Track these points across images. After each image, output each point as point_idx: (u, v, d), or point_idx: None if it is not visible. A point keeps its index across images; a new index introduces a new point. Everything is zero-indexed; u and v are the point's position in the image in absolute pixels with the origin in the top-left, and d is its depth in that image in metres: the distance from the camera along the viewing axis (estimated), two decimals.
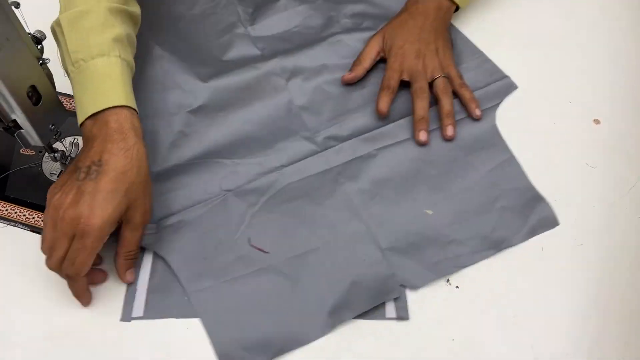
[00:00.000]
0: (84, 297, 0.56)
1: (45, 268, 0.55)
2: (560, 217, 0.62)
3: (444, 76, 0.67)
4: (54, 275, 0.58)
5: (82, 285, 0.55)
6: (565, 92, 0.71)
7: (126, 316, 0.56)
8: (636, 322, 0.57)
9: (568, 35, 0.76)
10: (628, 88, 0.72)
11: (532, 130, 0.68)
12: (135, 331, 0.56)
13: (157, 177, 0.63)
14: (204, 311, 0.56)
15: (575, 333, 0.56)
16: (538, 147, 0.67)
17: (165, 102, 0.68)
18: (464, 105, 0.68)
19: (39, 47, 0.56)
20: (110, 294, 0.58)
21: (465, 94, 0.67)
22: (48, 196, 0.54)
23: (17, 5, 0.52)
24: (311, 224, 0.61)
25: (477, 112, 0.66)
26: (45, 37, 0.57)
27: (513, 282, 0.59)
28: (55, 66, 0.58)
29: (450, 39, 0.72)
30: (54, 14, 0.59)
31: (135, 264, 0.58)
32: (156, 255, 0.59)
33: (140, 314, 0.56)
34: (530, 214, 0.62)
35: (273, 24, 0.76)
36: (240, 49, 0.73)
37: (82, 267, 0.52)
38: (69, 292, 0.57)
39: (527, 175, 0.64)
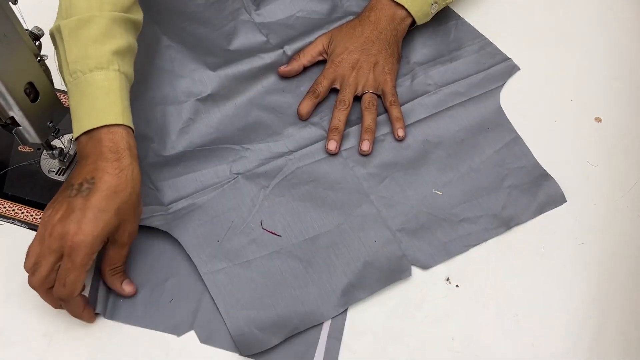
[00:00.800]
0: (85, 316, 0.54)
1: None
2: (561, 215, 0.62)
3: (372, 92, 0.67)
4: None
5: (79, 304, 0.53)
6: (567, 90, 0.71)
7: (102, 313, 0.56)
8: (636, 321, 0.57)
9: (570, 33, 0.76)
10: (630, 86, 0.71)
11: (533, 127, 0.68)
12: (135, 329, 0.56)
13: (166, 162, 0.64)
14: (218, 293, 0.57)
15: (575, 331, 0.56)
16: (539, 145, 0.66)
17: (175, 90, 0.69)
18: (390, 122, 0.67)
19: (36, 43, 0.55)
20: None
21: (393, 111, 0.66)
22: (42, 214, 0.53)
23: (15, 1, 0.52)
24: (322, 207, 0.62)
25: (400, 133, 0.65)
26: (43, 34, 0.56)
27: (513, 280, 0.58)
28: (53, 63, 0.58)
29: (398, 52, 0.70)
30: (52, 11, 0.59)
31: (125, 275, 0.57)
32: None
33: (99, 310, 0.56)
34: (538, 192, 0.62)
35: (277, 9, 0.76)
36: (246, 36, 0.74)
37: (74, 287, 0.50)
38: None
39: (533, 154, 0.65)
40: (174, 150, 0.65)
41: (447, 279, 0.58)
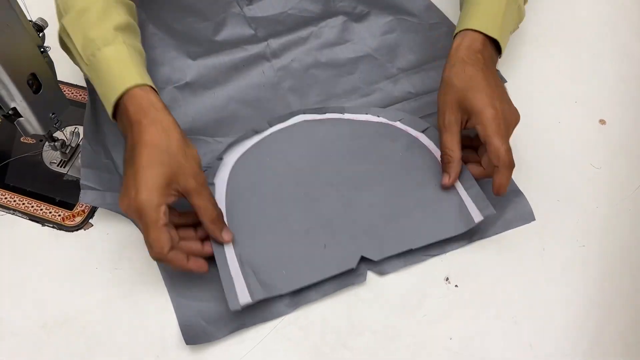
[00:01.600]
0: (192, 268, 0.53)
1: (41, 255, 0.55)
2: (562, 217, 0.62)
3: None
4: (51, 264, 0.58)
5: (179, 260, 0.52)
6: (571, 92, 0.70)
7: (234, 304, 0.54)
8: (636, 325, 0.56)
9: (575, 34, 0.75)
10: (635, 89, 0.71)
11: (537, 129, 0.67)
12: (131, 320, 0.56)
13: None
14: (171, 282, 0.57)
15: (574, 334, 0.56)
16: (542, 146, 0.66)
17: (153, 76, 0.68)
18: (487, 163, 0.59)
19: (40, 34, 0.56)
20: (107, 282, 0.58)
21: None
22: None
23: None
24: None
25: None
26: (47, 25, 0.56)
27: (513, 281, 0.58)
28: (56, 54, 0.58)
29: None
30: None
31: (224, 224, 0.56)
32: (235, 240, 0.58)
33: (248, 299, 0.54)
34: (506, 207, 0.61)
35: (269, 5, 0.76)
36: (233, 28, 0.74)
37: (158, 244, 0.50)
38: (65, 281, 0.57)
39: None
40: None
41: (447, 279, 0.58)
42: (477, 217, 0.58)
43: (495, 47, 0.62)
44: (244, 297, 0.54)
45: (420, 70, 0.71)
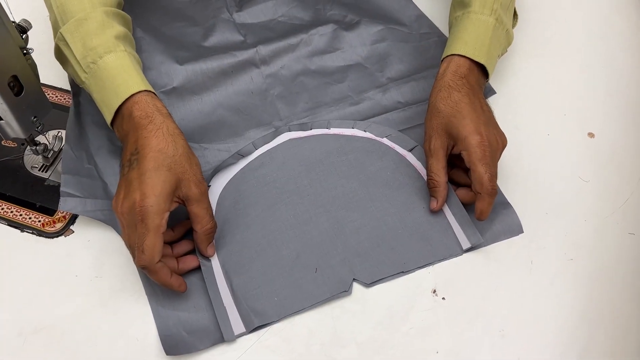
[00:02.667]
0: (173, 284, 0.53)
1: (20, 262, 0.54)
2: (550, 230, 0.61)
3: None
4: (29, 271, 0.57)
5: (164, 272, 0.52)
6: (560, 104, 0.70)
7: (229, 336, 0.54)
8: (624, 338, 0.56)
9: (564, 47, 0.76)
10: (623, 103, 0.71)
11: (526, 141, 0.67)
12: (111, 329, 0.54)
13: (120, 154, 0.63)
14: (152, 291, 0.56)
15: (562, 348, 0.55)
16: (531, 159, 0.66)
17: None
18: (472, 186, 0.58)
19: (23, 36, 0.54)
20: (87, 290, 0.56)
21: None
22: (113, 209, 0.53)
23: None
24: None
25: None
26: (30, 27, 0.55)
27: (501, 294, 0.57)
28: (39, 56, 0.57)
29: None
30: (40, 3, 0.58)
31: (213, 237, 0.57)
32: (225, 269, 0.57)
33: (242, 329, 0.54)
34: (495, 219, 0.61)
35: (259, 11, 0.76)
36: (223, 34, 0.73)
37: (153, 251, 0.50)
38: (43, 288, 0.56)
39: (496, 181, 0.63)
40: None
41: (434, 291, 0.58)
42: (465, 243, 0.59)
43: (482, 71, 0.62)
44: (238, 327, 0.54)
45: (410, 80, 0.71)
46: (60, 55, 0.60)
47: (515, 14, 0.68)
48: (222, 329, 0.53)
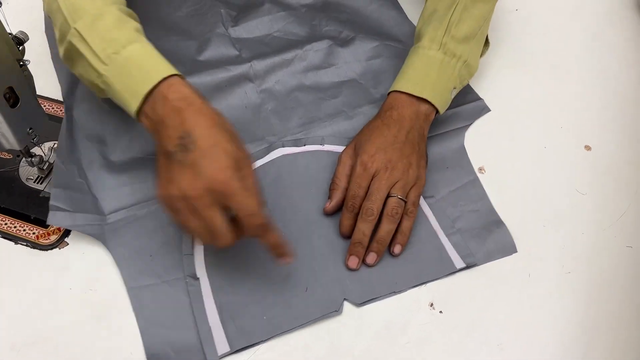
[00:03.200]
0: (286, 245, 0.52)
1: (13, 274, 0.53)
2: (548, 243, 0.61)
3: (399, 197, 0.59)
4: (23, 284, 0.56)
5: (276, 235, 0.51)
6: (557, 117, 0.70)
7: (212, 356, 0.53)
8: (622, 352, 0.55)
9: (559, 60, 0.76)
10: (620, 115, 0.71)
11: (522, 153, 0.67)
12: (104, 343, 0.54)
13: (113, 169, 0.62)
14: (141, 309, 0.55)
15: None
16: (528, 171, 0.66)
17: None
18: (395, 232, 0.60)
19: (20, 48, 0.54)
20: (81, 304, 0.56)
21: (404, 222, 0.59)
22: (161, 196, 0.51)
23: None
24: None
25: (397, 250, 0.59)
26: (27, 39, 0.55)
27: (499, 307, 0.57)
28: (36, 68, 0.57)
29: (425, 154, 0.63)
30: (37, 16, 0.58)
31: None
32: (214, 287, 0.57)
33: (227, 349, 0.53)
34: (487, 238, 0.61)
35: (255, 26, 0.75)
36: (217, 48, 0.73)
37: (260, 207, 0.49)
38: (37, 301, 0.55)
39: (489, 199, 0.63)
40: (124, 155, 0.63)
41: (431, 305, 0.57)
42: (459, 263, 0.59)
43: (432, 105, 0.63)
44: (222, 346, 0.53)
45: None
46: (71, 54, 0.57)
47: (487, 42, 0.70)
48: (205, 350, 0.53)
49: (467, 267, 0.59)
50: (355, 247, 0.58)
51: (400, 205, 0.58)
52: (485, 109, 0.70)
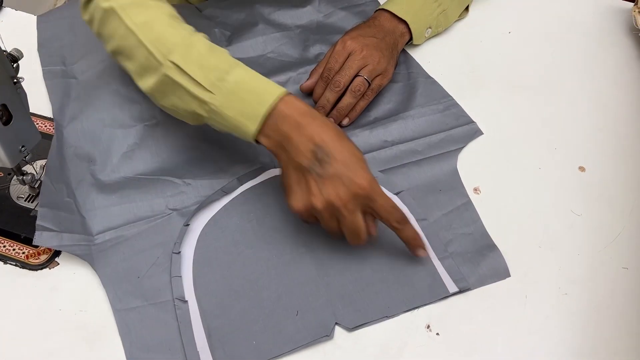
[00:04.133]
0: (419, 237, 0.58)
1: (2, 295, 0.52)
2: (544, 265, 0.61)
3: (365, 78, 0.67)
4: (11, 305, 0.55)
5: (413, 228, 0.57)
6: (551, 138, 0.71)
7: None
8: None
9: (554, 81, 0.76)
10: (614, 137, 0.71)
11: (517, 175, 0.67)
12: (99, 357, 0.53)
13: (103, 188, 0.62)
14: (127, 332, 0.54)
15: None
16: (523, 192, 0.66)
17: (124, 113, 0.67)
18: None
19: (14, 65, 0.54)
20: (73, 326, 0.55)
21: (360, 102, 0.68)
22: (299, 208, 0.55)
23: None
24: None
25: (345, 122, 0.69)
26: (22, 56, 0.55)
27: (495, 329, 0.57)
28: (29, 86, 0.56)
29: (396, 61, 0.73)
30: (32, 33, 0.57)
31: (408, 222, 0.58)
32: (203, 311, 0.56)
33: None
34: (480, 262, 0.60)
35: (249, 47, 0.76)
36: None
37: (397, 208, 0.55)
38: (26, 322, 0.54)
39: (482, 222, 0.63)
40: (114, 175, 0.63)
41: (428, 327, 0.56)
42: (452, 287, 0.58)
43: (408, 29, 0.73)
44: None
45: (397, 119, 0.70)
46: (164, 87, 0.57)
47: (467, 9, 0.80)
48: None
49: (460, 291, 0.58)
50: (318, 111, 0.64)
51: (364, 85, 0.67)
52: (478, 132, 0.70)
